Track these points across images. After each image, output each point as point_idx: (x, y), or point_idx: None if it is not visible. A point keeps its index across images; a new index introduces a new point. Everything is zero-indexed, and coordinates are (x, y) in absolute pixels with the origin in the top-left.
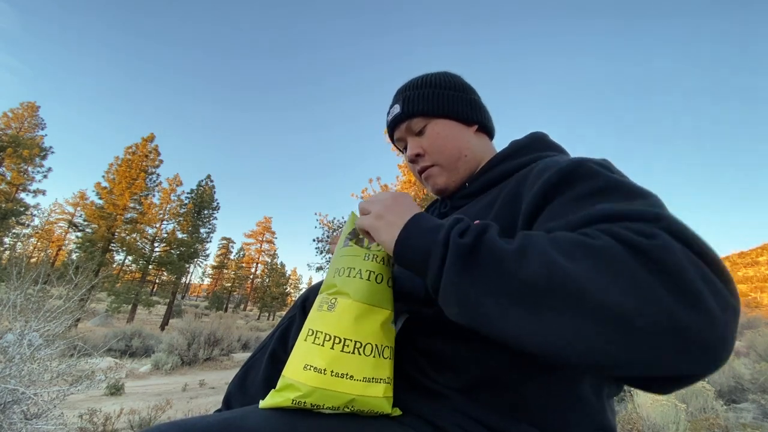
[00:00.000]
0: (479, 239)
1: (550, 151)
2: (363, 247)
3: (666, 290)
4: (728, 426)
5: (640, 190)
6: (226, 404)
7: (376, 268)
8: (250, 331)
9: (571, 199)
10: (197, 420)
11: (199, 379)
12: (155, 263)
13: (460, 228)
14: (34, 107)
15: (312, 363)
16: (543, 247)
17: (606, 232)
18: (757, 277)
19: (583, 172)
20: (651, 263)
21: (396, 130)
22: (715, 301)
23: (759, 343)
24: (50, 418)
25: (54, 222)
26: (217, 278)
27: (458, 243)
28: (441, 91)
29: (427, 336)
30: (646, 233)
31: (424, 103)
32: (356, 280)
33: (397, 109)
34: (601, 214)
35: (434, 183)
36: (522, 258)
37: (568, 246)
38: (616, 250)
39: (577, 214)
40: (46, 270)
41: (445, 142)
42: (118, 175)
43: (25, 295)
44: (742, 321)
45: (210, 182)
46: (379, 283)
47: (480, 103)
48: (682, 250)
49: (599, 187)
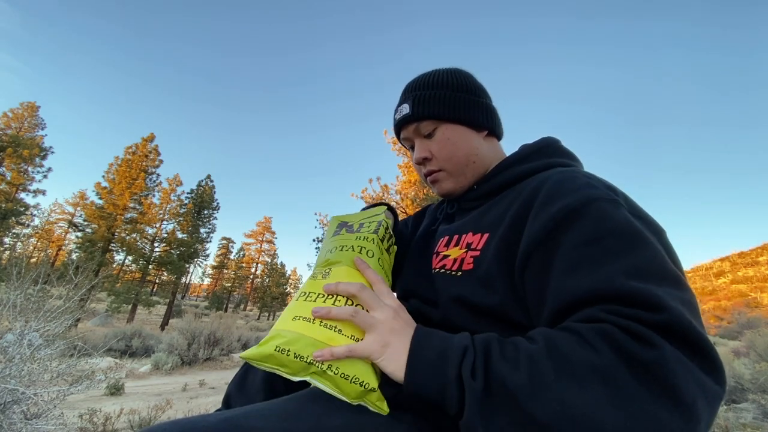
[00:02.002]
0: (489, 376)
1: (561, 158)
2: (353, 233)
3: (666, 410)
4: (728, 426)
5: (645, 243)
6: (226, 404)
7: (368, 245)
8: (250, 331)
9: (573, 247)
10: (198, 419)
11: (199, 379)
12: (155, 263)
13: (468, 365)
14: (34, 107)
15: (302, 314)
16: (551, 376)
17: (606, 338)
18: (757, 277)
19: (590, 215)
20: (651, 382)
21: (403, 130)
22: (706, 400)
23: (759, 343)
24: (50, 418)
25: (54, 222)
26: (217, 278)
27: (472, 387)
28: (453, 93)
29: None
30: (645, 339)
31: (435, 106)
32: (350, 252)
33: (406, 109)
34: (602, 291)
35: (441, 187)
36: (535, 394)
37: (574, 369)
38: (619, 371)
39: (579, 284)
40: (46, 270)
41: (454, 148)
42: (118, 175)
43: (25, 295)
44: (743, 321)
45: (210, 182)
46: (371, 258)
47: (491, 107)
48: (678, 360)
49: (603, 237)
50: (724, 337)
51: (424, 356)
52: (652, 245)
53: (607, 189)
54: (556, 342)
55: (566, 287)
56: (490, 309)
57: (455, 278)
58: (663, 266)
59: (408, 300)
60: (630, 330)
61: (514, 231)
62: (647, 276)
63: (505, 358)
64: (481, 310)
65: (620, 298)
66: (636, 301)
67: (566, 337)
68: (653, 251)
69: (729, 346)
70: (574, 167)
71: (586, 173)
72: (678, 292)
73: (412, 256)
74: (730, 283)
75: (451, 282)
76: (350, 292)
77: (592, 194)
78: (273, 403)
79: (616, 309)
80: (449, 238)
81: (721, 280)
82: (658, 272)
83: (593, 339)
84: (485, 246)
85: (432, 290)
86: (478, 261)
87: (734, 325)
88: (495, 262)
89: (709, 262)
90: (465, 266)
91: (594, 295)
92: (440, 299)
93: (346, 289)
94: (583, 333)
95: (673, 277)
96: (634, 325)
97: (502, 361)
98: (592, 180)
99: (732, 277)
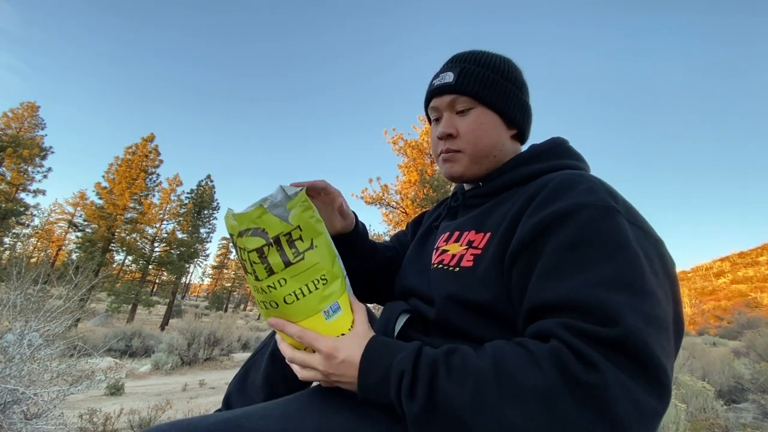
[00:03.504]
0: (433, 394)
1: (568, 159)
2: (246, 275)
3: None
4: (728, 426)
5: (626, 253)
6: (227, 404)
7: (266, 297)
8: (250, 331)
9: (555, 251)
10: (198, 420)
11: (199, 379)
12: (155, 263)
13: (406, 387)
14: (34, 107)
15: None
16: (495, 396)
17: (554, 358)
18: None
19: (578, 220)
20: (590, 405)
21: (438, 98)
22: (642, 421)
23: (759, 343)
24: (50, 418)
25: (54, 222)
26: (217, 278)
27: (409, 408)
28: (501, 80)
29: (428, 335)
30: (590, 361)
31: (480, 86)
32: (262, 309)
33: (449, 77)
34: (568, 301)
35: (452, 168)
36: (477, 413)
37: (518, 389)
38: (561, 394)
39: (552, 288)
40: (46, 270)
41: (483, 134)
42: (118, 175)
43: (25, 295)
44: (743, 321)
45: (210, 182)
46: (276, 308)
47: (530, 109)
48: (618, 383)
49: (584, 244)
50: (724, 337)
51: (368, 382)
52: (632, 256)
53: (607, 195)
54: (505, 359)
55: (540, 290)
56: (485, 307)
57: (451, 274)
58: (636, 278)
59: (408, 299)
60: (578, 351)
61: (512, 230)
62: (616, 287)
63: (451, 375)
64: (475, 308)
65: (581, 309)
66: (594, 315)
67: (516, 354)
68: (631, 262)
69: (729, 346)
70: (581, 170)
71: (591, 177)
72: (644, 306)
73: (413, 254)
74: (730, 283)
75: (447, 277)
76: (288, 357)
77: (586, 200)
78: (273, 404)
79: (572, 324)
80: (450, 234)
81: (721, 280)
82: (629, 284)
83: (541, 359)
84: (487, 245)
85: (429, 287)
86: (479, 259)
87: (734, 325)
88: (493, 261)
89: (709, 262)
90: (464, 263)
91: (560, 303)
92: (435, 296)
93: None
94: (533, 351)
95: (644, 290)
96: (582, 346)
97: (448, 378)
98: (594, 185)
99: (732, 277)
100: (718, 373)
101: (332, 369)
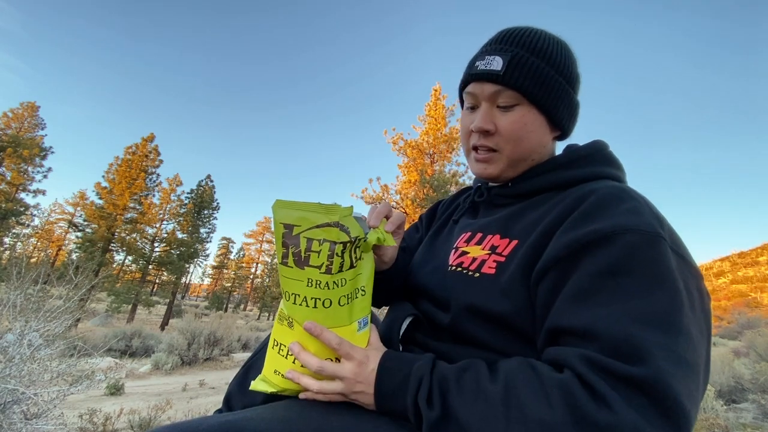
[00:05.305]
0: (446, 408)
1: (609, 168)
2: (302, 270)
3: None
4: (728, 426)
5: (665, 288)
6: (227, 404)
7: (322, 294)
8: (250, 331)
9: (589, 275)
10: (198, 422)
11: (199, 379)
12: (155, 263)
13: (424, 395)
14: (34, 107)
15: (280, 370)
16: (502, 422)
17: (565, 393)
18: (757, 277)
19: (619, 245)
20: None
21: (478, 84)
22: None
23: (759, 343)
24: (50, 418)
25: (54, 222)
26: (217, 278)
27: (428, 415)
28: (557, 75)
29: (438, 340)
30: (605, 400)
31: (532, 81)
32: (302, 308)
33: (497, 63)
34: (594, 330)
35: (485, 169)
36: None
37: (525, 420)
38: (566, 431)
39: (579, 313)
40: (46, 270)
41: (525, 135)
42: (118, 175)
43: (25, 295)
44: (743, 321)
45: (210, 182)
46: (328, 308)
47: (578, 108)
48: (633, 426)
49: (622, 273)
50: (724, 337)
51: (386, 389)
52: (673, 291)
53: (653, 219)
54: (517, 386)
55: (565, 312)
56: (504, 319)
57: (471, 279)
58: (673, 316)
59: (417, 301)
60: (592, 387)
61: (543, 243)
62: (650, 324)
63: (462, 393)
64: (494, 320)
65: (606, 342)
66: (620, 350)
67: (528, 381)
68: (672, 298)
69: (729, 346)
70: (624, 183)
71: (636, 195)
72: (677, 347)
73: (427, 250)
74: (730, 283)
75: (466, 283)
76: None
77: (630, 223)
78: (274, 407)
79: (591, 357)
80: (471, 234)
81: (721, 280)
82: (664, 322)
83: (552, 392)
84: (512, 253)
85: (445, 290)
86: (502, 268)
87: (734, 325)
88: (519, 271)
89: (709, 262)
90: (485, 269)
91: (584, 330)
92: (452, 303)
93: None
94: (546, 381)
95: (679, 329)
96: (599, 382)
97: (459, 396)
98: (639, 205)
99: (732, 277)
100: (718, 373)
101: (361, 377)
